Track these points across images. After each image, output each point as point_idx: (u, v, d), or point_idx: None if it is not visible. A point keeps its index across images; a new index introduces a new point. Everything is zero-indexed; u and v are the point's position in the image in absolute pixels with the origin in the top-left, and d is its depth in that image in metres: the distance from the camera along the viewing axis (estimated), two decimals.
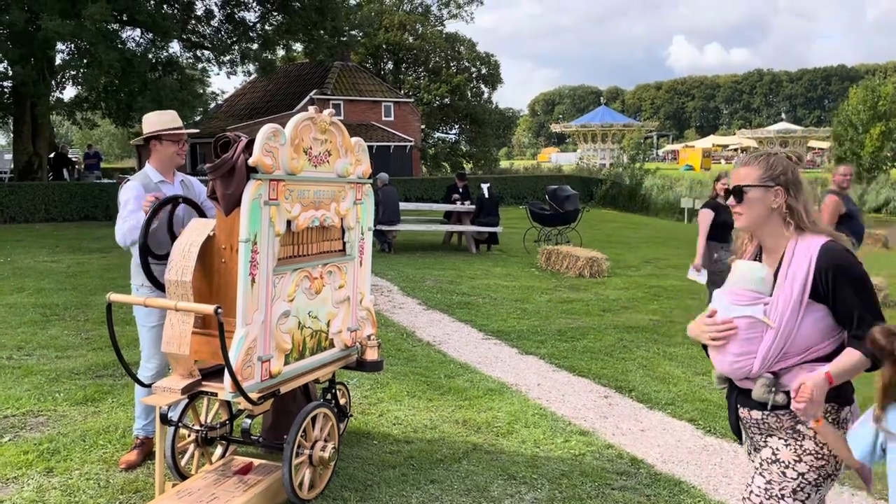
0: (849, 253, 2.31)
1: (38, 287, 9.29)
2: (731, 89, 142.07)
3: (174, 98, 20.42)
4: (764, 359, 2.32)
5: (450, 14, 43.87)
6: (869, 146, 37.37)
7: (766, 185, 2.36)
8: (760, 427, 2.41)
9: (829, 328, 2.30)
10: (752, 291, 2.35)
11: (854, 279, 2.26)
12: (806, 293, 2.26)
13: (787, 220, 2.36)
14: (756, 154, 2.46)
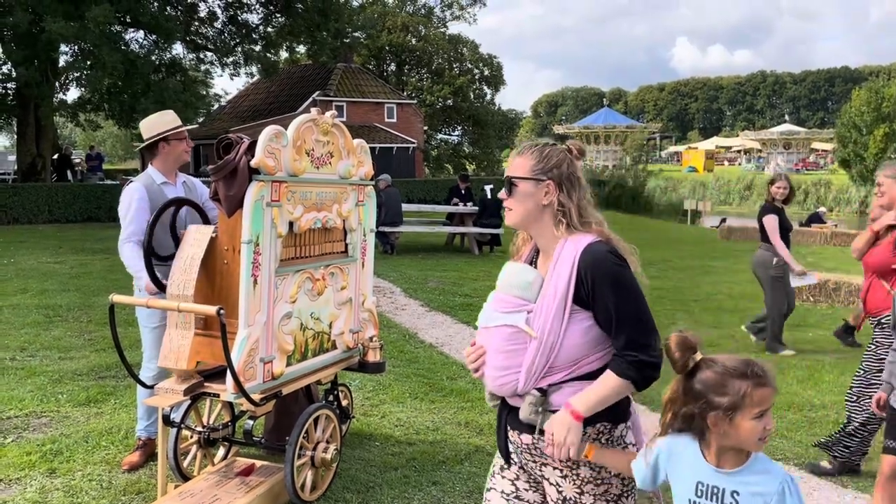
0: (613, 255, 2.09)
1: (42, 288, 9.31)
2: (734, 91, 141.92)
3: (177, 100, 20.44)
4: (529, 373, 2.06)
5: (452, 16, 43.92)
6: (873, 148, 37.31)
7: (538, 178, 2.13)
8: (532, 453, 2.14)
9: (599, 338, 2.07)
10: (516, 297, 2.12)
11: (614, 283, 2.03)
12: (569, 299, 2.04)
13: (559, 219, 2.13)
14: (531, 143, 2.22)
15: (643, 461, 1.99)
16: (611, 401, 2.04)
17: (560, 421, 2.01)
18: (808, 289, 9.49)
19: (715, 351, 6.08)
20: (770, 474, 1.80)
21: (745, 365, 1.82)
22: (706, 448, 1.87)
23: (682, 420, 1.89)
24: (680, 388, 1.90)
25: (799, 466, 4.38)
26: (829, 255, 14.99)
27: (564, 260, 2.07)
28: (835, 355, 6.92)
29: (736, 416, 1.78)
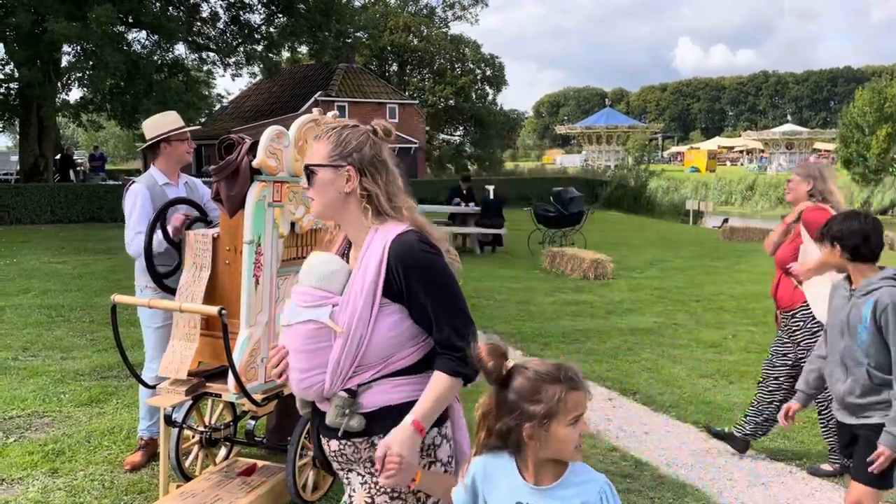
0: (425, 244, 1.95)
1: (44, 288, 9.32)
2: (736, 91, 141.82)
3: (179, 100, 20.47)
4: (335, 373, 1.91)
5: (454, 16, 43.92)
6: (875, 148, 37.26)
7: (336, 164, 1.98)
8: (340, 460, 2.01)
9: (411, 333, 1.94)
10: (319, 290, 1.96)
11: (427, 274, 1.91)
12: (378, 292, 1.90)
13: (365, 207, 1.99)
14: (330, 126, 2.06)
15: (461, 484, 1.84)
16: (444, 403, 1.92)
17: (401, 440, 1.85)
18: None
19: (717, 351, 6.07)
20: (589, 483, 1.73)
21: (557, 369, 1.74)
22: (523, 465, 1.76)
23: (498, 436, 1.76)
24: (493, 401, 1.76)
25: (800, 467, 4.38)
26: None
27: (373, 251, 1.94)
28: None
29: (552, 424, 1.68)
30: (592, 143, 63.22)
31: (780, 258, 4.39)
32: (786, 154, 58.56)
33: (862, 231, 2.92)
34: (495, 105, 44.30)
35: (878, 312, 2.81)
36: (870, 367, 2.87)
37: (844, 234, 2.93)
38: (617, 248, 14.83)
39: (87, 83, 21.38)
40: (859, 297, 2.90)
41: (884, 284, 2.85)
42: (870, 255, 2.93)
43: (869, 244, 2.92)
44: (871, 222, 2.98)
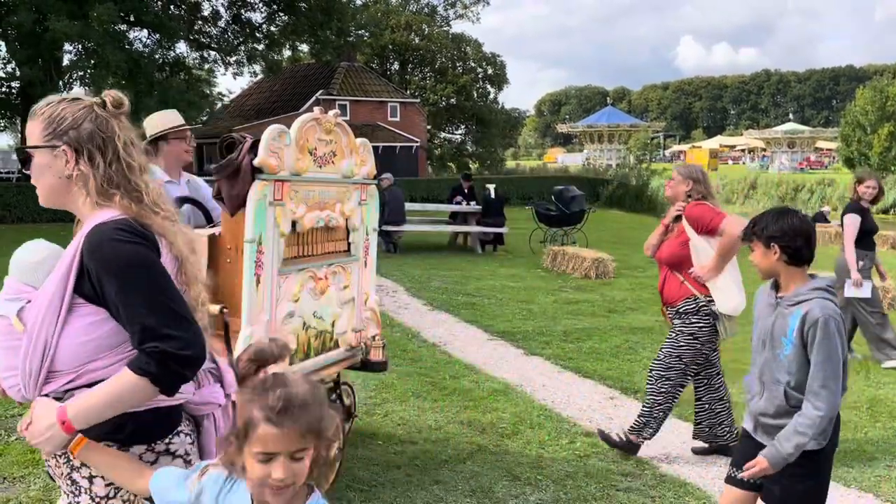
0: (125, 232, 1.68)
1: None
2: (738, 90, 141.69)
3: (181, 98, 20.50)
4: (25, 376, 1.70)
5: (456, 14, 43.94)
6: (877, 147, 37.21)
7: (51, 144, 1.74)
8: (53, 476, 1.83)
9: (114, 339, 1.69)
10: (20, 282, 1.76)
11: (118, 266, 1.64)
12: (67, 289, 1.66)
13: (83, 192, 1.77)
14: (46, 101, 1.81)
15: (187, 487, 1.57)
16: (119, 406, 1.63)
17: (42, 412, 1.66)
18: None
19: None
20: None
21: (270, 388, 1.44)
22: None
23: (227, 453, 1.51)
24: None
25: None
26: (832, 254, 14.95)
27: (72, 244, 1.74)
28: None
29: (244, 446, 1.43)
30: (594, 142, 63.18)
31: (666, 256, 4.46)
32: (788, 153, 58.49)
33: (804, 231, 2.60)
34: (497, 104, 44.33)
35: (805, 326, 2.52)
36: (788, 387, 2.60)
37: (786, 234, 2.59)
38: (618, 247, 14.82)
39: (88, 82, 21.39)
40: (787, 308, 2.61)
41: (815, 296, 2.56)
42: (808, 259, 2.64)
43: (810, 246, 2.62)
44: (809, 221, 2.70)
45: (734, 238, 4.14)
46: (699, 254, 4.33)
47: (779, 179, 43.91)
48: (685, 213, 4.36)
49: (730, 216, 4.32)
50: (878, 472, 4.31)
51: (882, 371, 6.39)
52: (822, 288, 2.59)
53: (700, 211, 4.32)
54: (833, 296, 2.60)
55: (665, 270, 4.50)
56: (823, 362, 2.51)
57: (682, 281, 4.37)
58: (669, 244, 4.46)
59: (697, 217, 4.31)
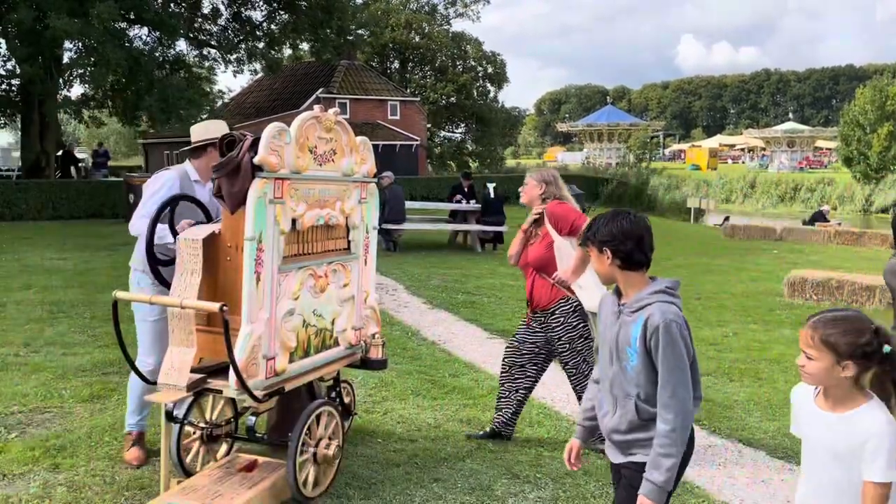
0: None
1: (46, 284, 9.34)
2: (738, 89, 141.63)
3: (181, 97, 20.49)
4: None
5: (456, 13, 43.92)
6: (877, 146, 37.20)
7: None
8: None
9: None
10: None
11: None
12: None
13: None
14: None
15: None
16: None
17: None
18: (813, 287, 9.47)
19: (718, 349, 6.03)
20: None
21: None
22: None
23: None
24: None
25: (800, 466, 4.38)
26: (832, 254, 14.97)
27: None
28: None
29: None
30: (594, 141, 63.17)
31: (534, 259, 4.46)
32: (787, 152, 58.50)
33: (634, 233, 2.45)
34: (497, 102, 44.34)
35: (648, 334, 2.36)
36: (638, 400, 2.44)
37: (615, 238, 2.45)
38: None
39: (88, 80, 21.39)
40: (629, 315, 2.44)
41: (655, 300, 2.41)
42: (644, 262, 2.49)
43: (643, 248, 2.46)
44: (642, 222, 2.53)
45: None
46: (562, 255, 4.35)
47: (778, 179, 43.91)
48: (548, 211, 4.39)
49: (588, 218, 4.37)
50: None
51: None
52: (661, 290, 2.44)
53: (563, 210, 4.38)
54: (675, 298, 2.44)
55: (533, 275, 4.49)
56: (670, 371, 2.35)
57: (553, 283, 4.38)
58: (536, 248, 4.46)
59: (561, 215, 4.36)
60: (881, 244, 16.93)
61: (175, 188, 3.92)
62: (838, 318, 2.11)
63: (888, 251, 16.02)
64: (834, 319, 2.11)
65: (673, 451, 2.34)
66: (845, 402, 2.13)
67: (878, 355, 2.06)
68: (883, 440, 2.02)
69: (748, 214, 36.25)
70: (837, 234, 17.82)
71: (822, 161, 59.64)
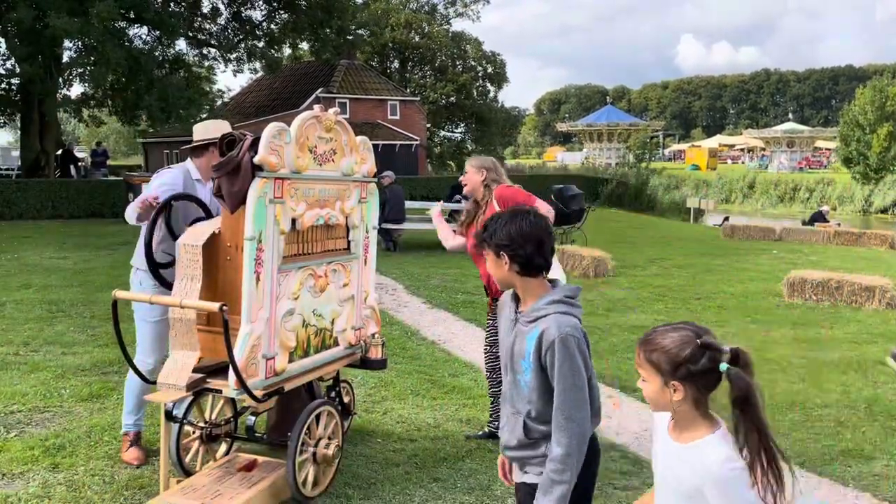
0: None
1: (45, 284, 9.33)
2: (737, 89, 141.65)
3: (181, 96, 20.48)
4: None
5: (456, 13, 43.91)
6: (876, 147, 37.19)
7: None
8: None
9: None
10: None
11: None
12: None
13: None
14: None
15: None
16: None
17: None
18: (812, 287, 9.48)
19: None
20: None
21: None
22: None
23: None
24: None
25: (800, 466, 4.39)
26: (832, 254, 14.97)
27: None
28: (836, 354, 6.92)
29: None
30: (593, 141, 63.17)
31: None
32: (787, 152, 58.52)
33: (535, 236, 2.23)
34: (496, 102, 44.32)
35: (543, 348, 2.17)
36: (528, 418, 2.25)
37: (513, 241, 2.23)
38: (617, 245, 14.83)
39: (88, 79, 21.38)
40: (524, 325, 2.25)
41: (552, 311, 2.19)
42: (543, 267, 2.26)
43: (542, 252, 2.24)
44: (542, 223, 2.30)
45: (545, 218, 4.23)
46: None
47: (777, 179, 43.92)
48: (497, 194, 4.36)
49: (540, 200, 4.27)
50: (877, 470, 4.32)
51: (879, 370, 6.40)
52: (560, 300, 2.21)
53: (511, 192, 4.36)
54: (574, 308, 2.23)
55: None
56: (566, 390, 2.15)
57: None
58: None
59: (510, 197, 4.32)
60: (881, 245, 16.93)
61: (178, 185, 3.93)
62: (662, 331, 1.84)
63: (888, 251, 16.04)
64: (658, 334, 1.84)
65: (566, 477, 2.14)
66: (690, 429, 1.84)
67: (712, 374, 1.75)
68: (720, 486, 1.76)
69: (748, 215, 36.25)
70: (837, 234, 17.83)
71: (821, 161, 59.66)
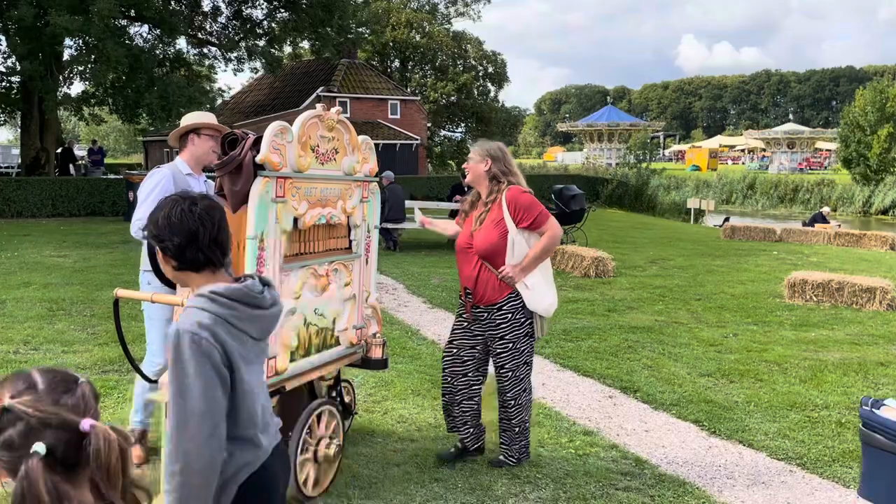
0: None
1: (45, 282, 9.33)
2: (738, 89, 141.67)
3: (181, 94, 20.46)
4: None
5: (457, 12, 43.86)
6: (876, 148, 37.19)
7: None
8: None
9: None
10: None
11: None
12: None
13: None
14: None
15: None
16: None
17: None
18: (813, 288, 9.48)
19: (718, 350, 6.03)
20: None
21: None
22: None
23: None
24: None
25: (800, 466, 4.38)
26: (832, 255, 14.97)
27: None
28: (837, 355, 6.92)
29: None
30: (594, 141, 63.19)
31: (483, 245, 3.93)
32: (787, 153, 58.54)
33: (186, 226, 1.89)
34: (497, 102, 44.26)
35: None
36: None
37: (161, 231, 1.91)
38: (618, 246, 14.82)
39: (88, 77, 21.37)
40: None
41: (190, 304, 1.87)
42: (203, 262, 1.93)
43: (198, 245, 1.90)
44: (203, 211, 1.92)
45: (557, 239, 3.96)
46: (514, 248, 3.89)
47: (778, 180, 43.92)
48: (510, 196, 3.93)
49: (553, 219, 4.01)
50: None
51: (880, 372, 6.40)
52: (203, 294, 1.86)
53: (528, 200, 3.92)
54: (218, 306, 1.84)
55: (478, 264, 3.96)
56: (175, 396, 1.78)
57: (500, 276, 3.91)
58: (486, 233, 3.93)
59: (525, 206, 3.91)
60: (881, 246, 16.93)
61: (169, 185, 3.92)
62: None
63: (888, 253, 16.03)
64: None
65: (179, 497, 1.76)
66: None
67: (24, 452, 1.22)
68: None
69: (748, 215, 36.25)
70: (837, 235, 17.83)
71: (821, 162, 59.67)
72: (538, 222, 3.92)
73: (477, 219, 3.99)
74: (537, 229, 3.93)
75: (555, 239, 3.93)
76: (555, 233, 3.93)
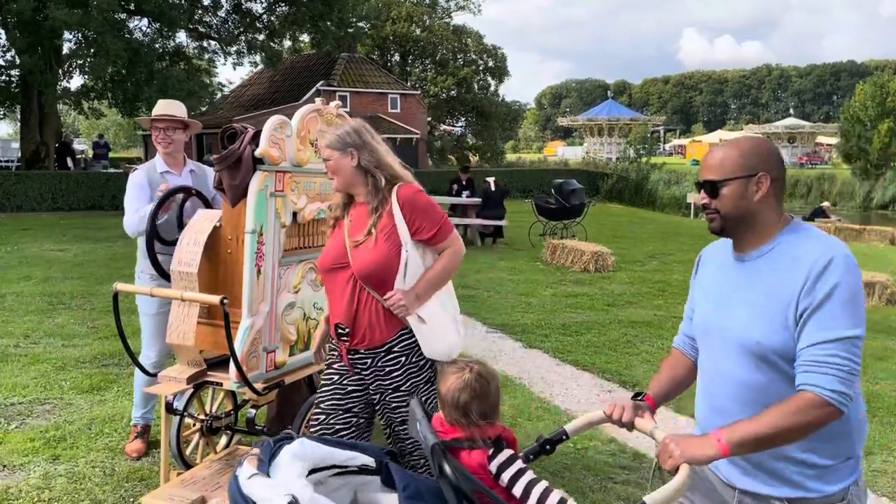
0: None
1: (45, 276, 9.33)
2: (739, 84, 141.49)
3: (181, 88, 20.44)
4: None
5: (457, 6, 43.75)
6: (877, 142, 37.16)
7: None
8: None
9: None
10: None
11: None
12: None
13: None
14: None
15: None
16: None
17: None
18: None
19: None
20: None
21: None
22: None
23: None
24: None
25: None
26: None
27: None
28: None
29: None
30: (594, 136, 63.14)
31: (365, 267, 2.78)
32: (788, 148, 58.49)
33: None
34: (497, 96, 44.23)
35: None
36: None
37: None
38: (618, 240, 14.83)
39: (88, 71, 21.34)
40: None
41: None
42: None
43: None
44: None
45: (461, 257, 2.95)
46: (408, 269, 2.79)
47: None
48: (403, 196, 2.80)
49: (456, 232, 2.99)
50: (875, 466, 4.33)
51: (878, 367, 6.41)
52: None
53: (426, 203, 2.86)
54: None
55: (356, 291, 2.81)
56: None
57: (386, 305, 2.78)
58: (376, 249, 2.77)
59: (422, 210, 2.82)
60: (881, 240, 16.94)
61: (141, 187, 3.95)
62: None
63: (888, 248, 16.04)
64: None
65: None
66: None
67: None
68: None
69: None
70: (838, 230, 17.83)
71: (822, 157, 59.63)
72: (441, 235, 2.86)
73: (366, 231, 2.81)
74: (438, 244, 2.87)
75: (458, 256, 2.92)
76: (458, 248, 2.92)
